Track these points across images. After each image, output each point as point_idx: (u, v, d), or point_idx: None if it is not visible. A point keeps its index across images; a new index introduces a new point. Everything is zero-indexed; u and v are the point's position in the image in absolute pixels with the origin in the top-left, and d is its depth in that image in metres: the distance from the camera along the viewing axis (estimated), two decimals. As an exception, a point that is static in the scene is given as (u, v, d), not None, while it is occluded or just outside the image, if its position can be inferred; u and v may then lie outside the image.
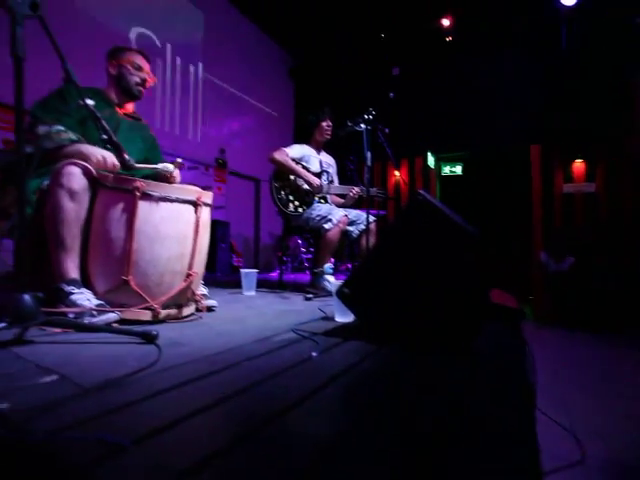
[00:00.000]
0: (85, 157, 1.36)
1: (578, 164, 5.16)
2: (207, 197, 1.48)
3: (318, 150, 2.86)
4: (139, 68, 1.73)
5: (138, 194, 1.26)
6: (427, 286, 1.08)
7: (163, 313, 1.36)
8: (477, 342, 1.11)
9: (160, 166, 1.57)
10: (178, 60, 4.70)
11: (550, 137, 5.16)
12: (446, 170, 7.11)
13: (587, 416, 2.03)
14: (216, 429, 0.59)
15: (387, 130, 2.41)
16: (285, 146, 2.70)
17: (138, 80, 1.73)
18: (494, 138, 5.60)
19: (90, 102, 1.18)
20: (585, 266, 4.62)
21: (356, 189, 2.72)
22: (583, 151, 5.08)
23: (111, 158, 1.39)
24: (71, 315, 1.21)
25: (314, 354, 0.99)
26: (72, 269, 1.30)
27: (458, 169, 7.00)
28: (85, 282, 1.32)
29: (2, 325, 0.94)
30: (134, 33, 4.14)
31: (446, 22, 5.59)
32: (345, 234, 2.58)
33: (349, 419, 0.65)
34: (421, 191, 1.02)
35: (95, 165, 1.35)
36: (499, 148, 5.71)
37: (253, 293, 2.34)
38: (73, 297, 1.24)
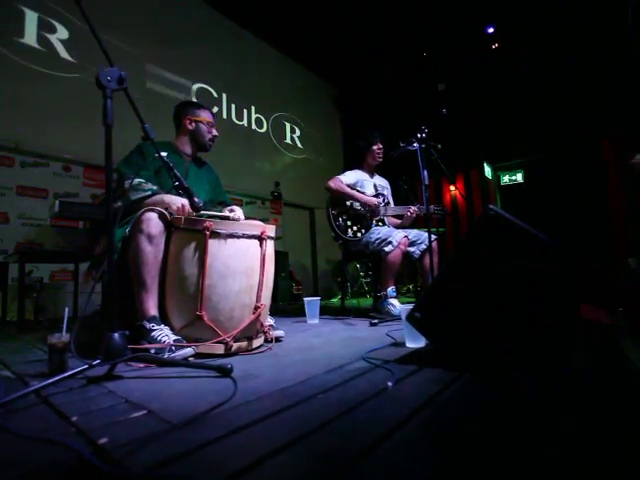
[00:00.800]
0: (167, 205, 1.50)
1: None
2: (271, 231, 1.53)
3: (371, 174, 2.87)
4: (212, 125, 1.92)
5: (208, 233, 1.34)
6: (507, 304, 1.00)
7: (235, 346, 1.40)
8: (572, 365, 0.99)
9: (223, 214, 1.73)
10: (233, 106, 5.09)
11: (625, 126, 4.64)
12: (505, 179, 6.73)
13: None
14: (299, 470, 0.58)
15: (440, 146, 2.35)
16: (337, 173, 2.74)
17: (211, 137, 1.93)
18: (555, 139, 5.21)
19: (164, 154, 1.31)
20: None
21: (413, 208, 2.66)
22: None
23: (188, 206, 1.51)
24: (152, 350, 1.29)
25: (390, 384, 0.94)
26: (152, 307, 1.40)
27: (519, 177, 6.60)
28: (163, 318, 1.42)
29: (97, 362, 1.03)
30: (195, 87, 4.61)
31: (490, 30, 5.47)
32: (406, 255, 2.51)
33: (434, 467, 0.59)
34: (491, 206, 0.96)
35: (175, 212, 1.49)
36: (563, 148, 5.28)
37: (317, 321, 2.33)
38: (154, 334, 1.34)
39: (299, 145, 6.17)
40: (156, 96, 4.08)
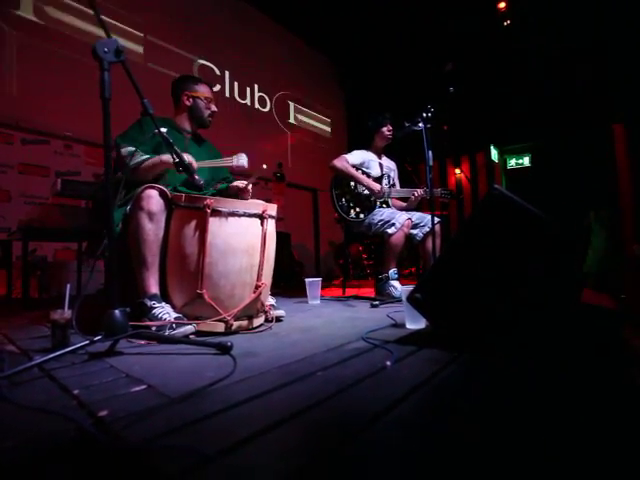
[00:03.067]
0: (166, 162, 1.48)
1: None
2: (272, 210, 1.52)
3: (379, 155, 2.82)
4: (210, 101, 1.88)
5: (208, 211, 1.33)
6: (509, 286, 0.99)
7: (235, 324, 1.41)
8: (571, 348, 0.98)
9: (220, 161, 1.70)
10: (236, 84, 4.99)
11: (636, 112, 4.52)
12: (512, 163, 6.64)
13: None
14: (298, 443, 0.58)
15: (445, 127, 2.30)
16: (341, 154, 2.69)
17: (210, 112, 1.89)
18: (564, 122, 5.09)
19: (163, 130, 1.28)
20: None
21: (419, 191, 2.62)
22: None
23: (189, 157, 1.48)
24: (154, 328, 1.30)
25: (388, 363, 0.95)
26: (153, 285, 1.40)
27: (525, 160, 6.51)
28: (164, 296, 1.42)
29: (98, 338, 1.04)
30: (197, 64, 4.50)
31: (502, 5, 5.26)
32: (408, 237, 2.49)
33: (430, 443, 0.60)
34: (496, 186, 0.94)
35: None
36: (572, 132, 5.17)
37: (318, 302, 2.34)
38: (155, 311, 1.34)
39: (303, 125, 6.07)
40: (157, 72, 4.00)
